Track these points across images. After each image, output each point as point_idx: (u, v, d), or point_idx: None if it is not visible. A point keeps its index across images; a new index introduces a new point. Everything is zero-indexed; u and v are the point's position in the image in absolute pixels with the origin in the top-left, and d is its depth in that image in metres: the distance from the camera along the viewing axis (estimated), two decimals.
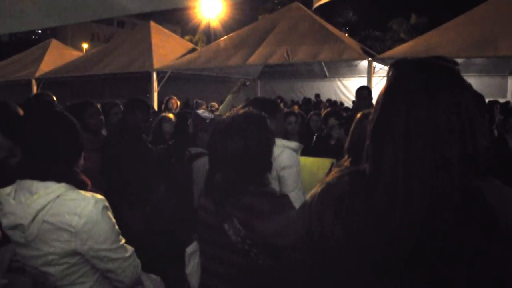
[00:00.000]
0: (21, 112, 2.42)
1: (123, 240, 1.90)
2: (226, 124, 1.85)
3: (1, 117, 2.39)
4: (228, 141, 1.78)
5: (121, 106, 4.64)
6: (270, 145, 1.87)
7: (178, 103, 8.13)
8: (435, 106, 1.01)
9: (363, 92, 5.17)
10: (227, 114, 1.95)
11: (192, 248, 2.10)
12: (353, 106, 9.74)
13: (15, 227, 1.72)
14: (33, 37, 48.63)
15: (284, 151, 2.61)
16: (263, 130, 1.84)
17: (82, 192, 1.79)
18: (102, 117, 3.84)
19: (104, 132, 4.45)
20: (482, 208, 0.99)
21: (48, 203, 1.70)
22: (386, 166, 1.04)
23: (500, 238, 0.97)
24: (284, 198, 1.81)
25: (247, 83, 3.98)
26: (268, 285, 1.73)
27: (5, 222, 1.74)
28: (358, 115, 2.42)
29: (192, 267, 2.08)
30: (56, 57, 15.09)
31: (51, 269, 1.76)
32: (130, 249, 1.92)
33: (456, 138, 0.99)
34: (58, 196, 1.73)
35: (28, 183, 1.74)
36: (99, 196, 1.81)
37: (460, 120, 1.00)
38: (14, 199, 1.75)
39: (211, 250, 1.86)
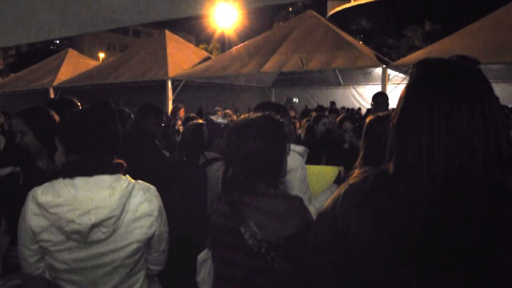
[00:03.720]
0: (56, 116, 2.46)
1: None
2: (243, 125, 1.86)
3: (37, 120, 2.42)
4: (244, 142, 1.80)
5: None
6: (285, 148, 1.88)
7: (183, 113, 8.25)
8: (457, 102, 1.02)
9: (380, 98, 5.14)
10: (242, 116, 1.98)
11: (203, 255, 2.10)
12: (366, 112, 9.69)
13: (102, 222, 1.71)
14: (52, 47, 49.57)
15: (289, 154, 2.57)
16: (279, 133, 1.86)
17: (140, 181, 1.90)
18: None
19: None
20: (507, 202, 0.99)
21: (130, 193, 1.80)
22: (409, 161, 1.06)
23: None
24: (298, 201, 1.80)
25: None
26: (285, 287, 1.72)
27: (93, 219, 1.69)
28: (368, 119, 2.42)
29: (204, 275, 2.08)
30: (73, 66, 15.36)
31: (128, 260, 1.80)
32: None
33: (479, 133, 1.00)
34: (133, 186, 1.82)
35: (98, 178, 1.76)
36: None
37: (483, 116, 1.01)
38: (85, 195, 1.73)
39: (225, 255, 1.85)
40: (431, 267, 1.01)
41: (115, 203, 1.73)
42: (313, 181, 2.97)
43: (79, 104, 3.85)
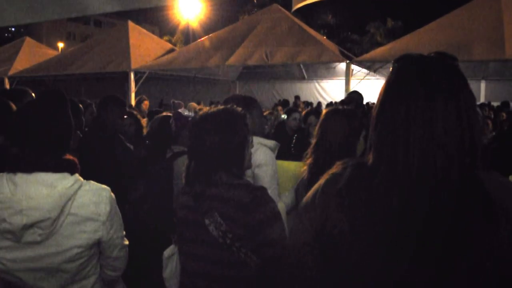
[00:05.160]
0: (14, 107, 2.33)
1: None
2: (203, 119, 1.88)
3: None
4: (205, 135, 1.81)
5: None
6: (246, 140, 1.89)
7: (148, 105, 8.10)
8: (433, 97, 1.06)
9: (354, 96, 5.29)
10: (206, 109, 1.97)
11: (169, 251, 2.07)
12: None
13: (36, 223, 1.60)
14: (6, 34, 47.58)
15: (259, 149, 2.55)
16: (239, 126, 1.87)
17: (91, 181, 1.78)
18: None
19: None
20: (482, 194, 1.03)
21: (73, 194, 1.67)
22: (386, 153, 1.10)
23: (499, 224, 1.00)
24: (262, 190, 1.81)
25: None
26: (252, 280, 1.74)
27: (24, 219, 1.58)
28: (324, 112, 2.46)
29: (170, 270, 2.06)
30: (30, 55, 14.78)
31: (69, 266, 1.69)
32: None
33: (453, 128, 1.04)
34: (80, 187, 1.70)
35: (41, 175, 1.64)
36: (104, 185, 1.83)
37: (458, 111, 1.05)
38: (24, 193, 1.62)
39: (191, 249, 1.85)
40: (406, 258, 1.03)
41: (52, 204, 1.62)
42: (282, 177, 2.96)
43: (33, 94, 3.70)
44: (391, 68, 1.19)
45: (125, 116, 3.82)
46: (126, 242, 1.93)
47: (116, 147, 3.42)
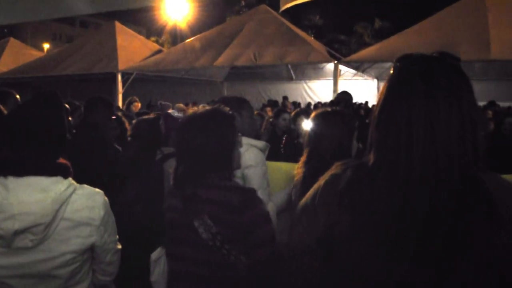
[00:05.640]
0: (4, 110, 2.28)
1: None
2: (191, 120, 1.87)
3: None
4: (191, 136, 1.80)
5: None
6: (233, 141, 1.88)
7: (139, 106, 7.98)
8: (436, 98, 1.05)
9: (343, 96, 5.29)
10: (190, 110, 1.96)
11: (157, 254, 2.05)
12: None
13: (28, 229, 1.55)
14: None
15: (249, 150, 2.54)
16: (225, 127, 1.85)
17: (85, 185, 1.75)
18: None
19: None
20: (482, 194, 1.02)
21: (67, 199, 1.63)
22: (388, 153, 1.09)
23: (499, 224, 1.00)
24: (252, 192, 1.80)
25: None
26: (240, 281, 1.72)
27: (17, 225, 1.53)
28: (313, 114, 2.43)
29: (158, 274, 2.03)
30: (14, 56, 14.66)
31: (61, 271, 1.65)
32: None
33: (455, 129, 1.04)
34: (73, 191, 1.67)
35: (33, 179, 1.60)
36: (98, 190, 1.80)
37: (460, 112, 1.05)
38: (15, 198, 1.57)
39: (180, 251, 1.82)
40: (406, 258, 1.03)
41: (45, 209, 1.57)
42: (273, 178, 2.95)
43: (18, 96, 3.64)
44: (391, 68, 1.18)
45: (113, 117, 3.77)
46: (119, 247, 1.91)
47: (108, 147, 3.38)
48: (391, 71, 1.18)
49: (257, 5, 15.22)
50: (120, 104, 11.46)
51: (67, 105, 3.86)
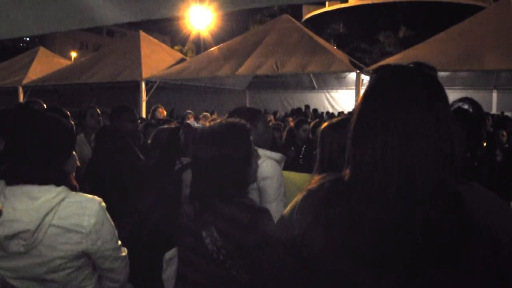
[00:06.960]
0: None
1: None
2: (206, 132, 1.89)
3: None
4: (207, 149, 1.81)
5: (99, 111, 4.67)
6: (249, 155, 1.87)
7: (165, 113, 8.10)
8: (411, 109, 1.03)
9: None
10: (207, 123, 1.98)
11: (171, 253, 2.08)
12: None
13: (17, 235, 1.65)
14: (21, 44, 48.25)
15: (265, 162, 2.54)
16: (242, 140, 1.85)
17: (81, 193, 1.81)
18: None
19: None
20: (456, 205, 1.00)
21: (55, 206, 1.70)
22: (364, 167, 1.05)
23: (474, 236, 0.98)
24: (263, 213, 1.79)
25: None
26: None
27: (6, 230, 1.64)
28: (323, 126, 2.40)
29: (170, 272, 2.07)
30: (44, 65, 14.96)
31: (55, 276, 1.72)
32: (124, 248, 1.98)
33: (432, 141, 1.01)
34: (63, 199, 1.73)
35: (26, 188, 1.70)
36: (97, 197, 1.84)
37: (437, 123, 1.02)
38: (10, 205, 1.68)
39: (188, 257, 1.86)
40: (381, 273, 1.01)
41: (31, 216, 1.66)
42: (291, 188, 2.95)
43: (44, 105, 3.75)
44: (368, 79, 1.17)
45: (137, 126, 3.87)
46: (123, 254, 1.94)
47: (131, 156, 3.45)
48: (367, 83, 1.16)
49: (280, 14, 15.26)
50: (143, 111, 11.63)
51: (68, 112, 3.97)
